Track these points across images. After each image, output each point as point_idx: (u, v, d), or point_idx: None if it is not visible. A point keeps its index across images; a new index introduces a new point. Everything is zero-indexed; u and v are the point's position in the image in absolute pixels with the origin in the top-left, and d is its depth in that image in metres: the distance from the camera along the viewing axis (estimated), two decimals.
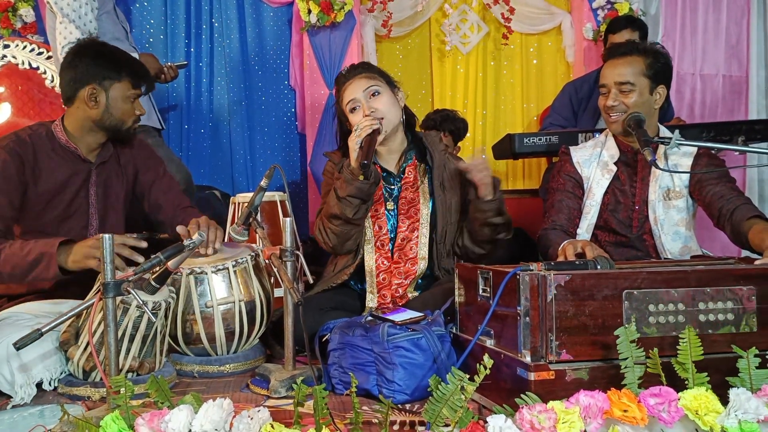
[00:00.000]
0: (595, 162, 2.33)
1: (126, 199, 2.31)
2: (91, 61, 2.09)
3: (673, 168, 2.24)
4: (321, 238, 2.20)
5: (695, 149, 2.25)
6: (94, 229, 2.18)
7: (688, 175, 2.24)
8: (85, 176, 2.16)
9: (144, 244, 1.89)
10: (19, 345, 1.51)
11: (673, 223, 2.24)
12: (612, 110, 2.22)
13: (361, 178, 2.05)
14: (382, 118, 2.13)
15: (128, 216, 2.65)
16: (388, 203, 2.24)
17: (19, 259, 1.87)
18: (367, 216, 2.19)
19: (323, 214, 2.18)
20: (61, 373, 1.78)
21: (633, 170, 2.30)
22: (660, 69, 2.21)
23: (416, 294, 2.18)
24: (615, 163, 2.31)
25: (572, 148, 2.41)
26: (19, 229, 2.08)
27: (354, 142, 2.07)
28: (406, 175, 2.26)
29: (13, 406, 1.65)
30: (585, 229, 2.30)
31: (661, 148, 2.26)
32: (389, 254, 2.21)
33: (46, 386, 1.74)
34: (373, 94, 2.17)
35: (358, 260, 2.20)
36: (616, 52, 2.24)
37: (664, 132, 2.29)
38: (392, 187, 2.25)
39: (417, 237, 2.21)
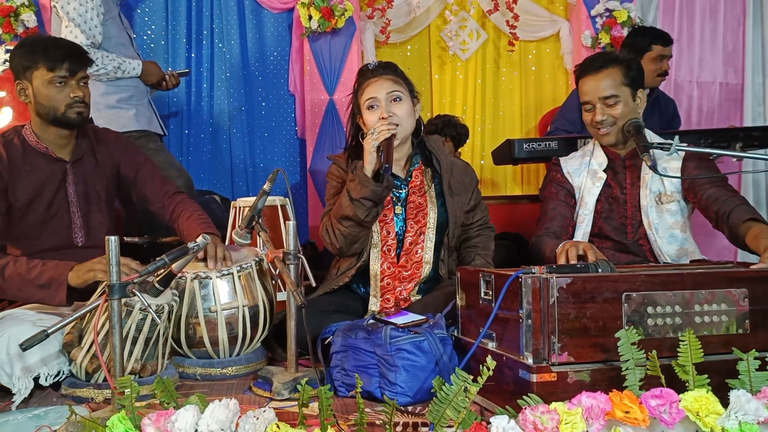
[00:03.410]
0: (584, 171, 2.35)
1: (109, 196, 2.27)
2: (13, 56, 2.08)
3: (663, 170, 2.24)
4: (328, 240, 2.20)
5: (683, 153, 2.27)
6: (78, 227, 2.15)
7: (679, 181, 2.25)
8: (61, 176, 2.13)
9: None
10: (25, 346, 1.51)
11: (667, 227, 2.25)
12: (601, 125, 2.23)
13: (373, 182, 2.06)
14: (398, 125, 2.12)
15: (129, 218, 2.66)
16: (396, 207, 2.25)
17: (25, 282, 1.88)
18: (377, 219, 2.20)
19: (332, 215, 2.18)
20: (58, 372, 1.79)
21: (622, 177, 2.31)
22: (635, 75, 2.23)
23: (419, 297, 2.20)
24: (604, 171, 2.32)
25: (562, 160, 2.43)
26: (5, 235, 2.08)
27: (370, 145, 2.07)
28: (413, 179, 2.28)
29: (18, 408, 1.66)
30: (580, 237, 2.31)
31: (654, 152, 2.26)
32: (395, 259, 2.22)
33: (42, 381, 1.75)
34: (395, 99, 2.16)
35: (360, 263, 2.21)
36: (591, 66, 2.24)
37: (652, 137, 2.31)
38: (400, 191, 2.27)
39: (423, 241, 2.23)
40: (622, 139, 2.27)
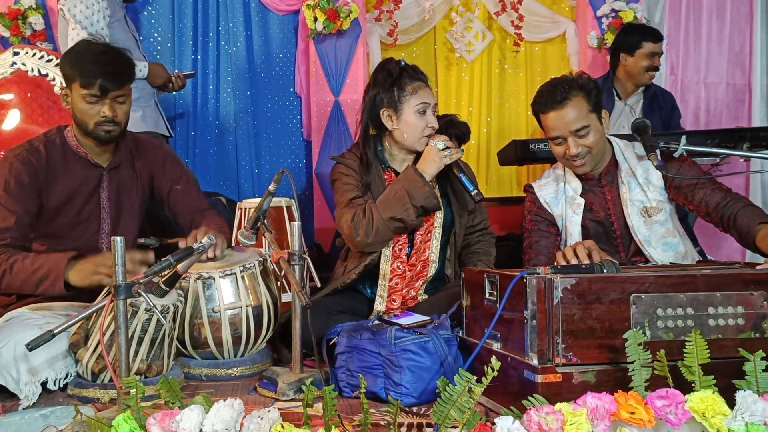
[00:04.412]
0: (562, 199, 2.28)
1: (142, 204, 2.30)
2: (61, 63, 2.10)
3: (645, 180, 2.19)
4: (362, 231, 2.13)
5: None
6: (105, 234, 2.18)
7: (662, 186, 2.20)
8: (96, 181, 2.16)
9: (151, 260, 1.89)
10: (32, 346, 1.52)
11: (659, 237, 2.20)
12: (577, 157, 2.15)
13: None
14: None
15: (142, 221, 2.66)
16: None
17: (27, 274, 1.90)
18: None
19: (381, 212, 2.13)
20: (66, 375, 1.80)
21: (602, 197, 2.25)
22: (597, 98, 2.15)
23: (426, 297, 2.21)
24: (581, 195, 2.25)
25: (536, 186, 2.35)
26: (32, 234, 2.09)
27: (442, 161, 2.17)
28: None
29: (24, 408, 1.66)
30: None
31: (627, 165, 2.23)
32: (405, 259, 2.24)
33: (51, 386, 1.75)
34: (435, 113, 2.24)
35: (368, 261, 2.21)
36: (552, 100, 2.13)
37: (617, 146, 2.27)
38: None
39: (430, 240, 2.25)
40: (597, 161, 2.21)
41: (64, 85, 2.10)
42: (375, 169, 2.26)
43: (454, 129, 3.72)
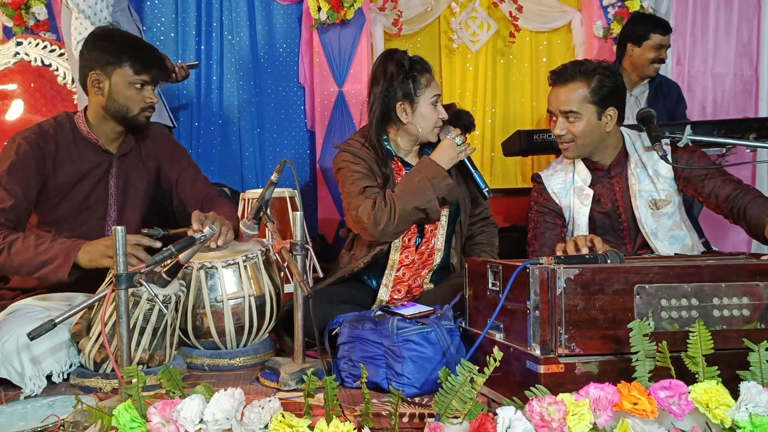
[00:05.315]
0: (570, 190, 2.25)
1: (146, 192, 2.30)
2: (96, 46, 2.08)
3: (654, 171, 2.17)
4: (376, 221, 2.09)
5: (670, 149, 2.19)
6: (111, 220, 2.18)
7: (672, 177, 2.18)
8: (106, 168, 2.16)
9: (158, 244, 1.89)
10: (33, 335, 1.52)
11: (666, 230, 2.18)
12: (561, 139, 2.14)
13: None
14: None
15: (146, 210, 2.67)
16: None
17: (30, 256, 1.86)
18: None
19: (405, 204, 2.11)
20: (70, 366, 1.80)
21: (610, 189, 2.23)
22: (607, 93, 2.09)
23: (431, 286, 2.21)
24: (590, 186, 2.23)
25: (544, 176, 2.32)
26: (35, 218, 2.10)
27: (458, 156, 2.20)
28: None
29: (26, 397, 1.67)
30: None
31: (637, 156, 2.21)
32: (414, 248, 2.24)
33: (55, 378, 1.76)
34: (441, 104, 2.25)
35: (376, 251, 2.21)
36: (561, 76, 2.12)
37: (628, 137, 2.24)
38: None
39: (437, 228, 2.26)
40: (586, 153, 2.19)
41: (94, 69, 2.06)
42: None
43: (462, 121, 3.73)
